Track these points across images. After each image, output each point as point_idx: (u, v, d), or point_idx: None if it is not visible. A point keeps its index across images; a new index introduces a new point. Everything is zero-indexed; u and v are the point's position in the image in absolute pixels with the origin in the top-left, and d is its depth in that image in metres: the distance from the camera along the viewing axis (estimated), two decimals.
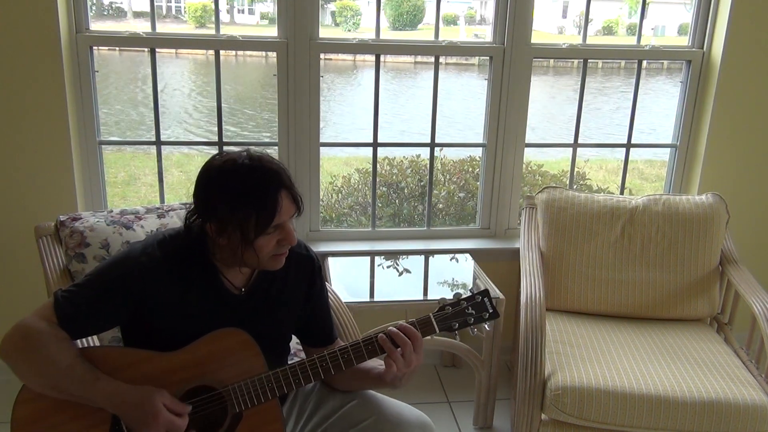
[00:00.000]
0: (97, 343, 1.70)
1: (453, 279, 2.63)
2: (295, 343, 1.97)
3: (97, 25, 2.50)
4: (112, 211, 2.09)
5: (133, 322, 1.48)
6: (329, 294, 1.86)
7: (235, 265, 1.48)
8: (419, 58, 6.93)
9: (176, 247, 1.48)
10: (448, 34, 2.73)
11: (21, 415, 1.38)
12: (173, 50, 6.41)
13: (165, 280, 1.45)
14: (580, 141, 2.93)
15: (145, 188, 5.36)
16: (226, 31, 2.58)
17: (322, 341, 1.69)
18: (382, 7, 2.66)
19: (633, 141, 2.96)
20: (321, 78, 2.62)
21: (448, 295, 1.55)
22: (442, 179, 3.86)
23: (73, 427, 1.38)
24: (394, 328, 1.46)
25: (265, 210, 1.37)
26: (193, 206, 1.46)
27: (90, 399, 1.35)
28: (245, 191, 1.37)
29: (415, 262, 2.77)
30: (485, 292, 1.54)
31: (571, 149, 2.96)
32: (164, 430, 1.33)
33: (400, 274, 2.66)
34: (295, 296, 1.61)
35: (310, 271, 1.63)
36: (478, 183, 3.03)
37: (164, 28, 2.62)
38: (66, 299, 1.40)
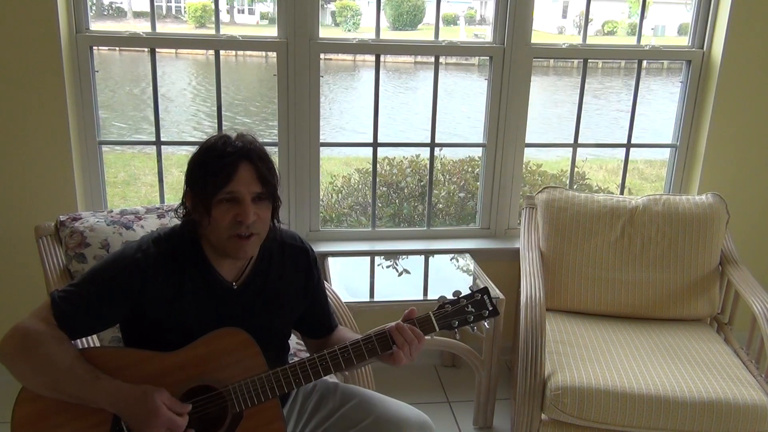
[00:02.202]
0: (97, 343, 1.70)
1: (453, 279, 2.63)
2: (295, 342, 1.97)
3: (97, 25, 2.50)
4: (112, 211, 2.09)
5: (131, 320, 1.48)
6: (329, 293, 1.86)
7: (218, 252, 1.49)
8: (419, 58, 6.92)
9: (171, 244, 1.49)
10: (448, 34, 2.73)
11: (21, 415, 1.38)
12: (173, 50, 6.41)
13: (161, 276, 1.45)
14: (580, 141, 2.93)
15: (145, 188, 5.36)
16: (226, 31, 2.58)
17: (322, 332, 1.70)
18: (382, 7, 2.66)
19: (633, 141, 2.97)
20: (321, 78, 2.62)
21: (448, 295, 1.56)
22: (442, 179, 3.85)
23: (73, 427, 1.38)
24: (403, 324, 1.48)
25: (221, 174, 1.40)
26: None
27: (90, 399, 1.35)
28: (210, 155, 1.42)
29: (415, 262, 2.77)
30: (485, 290, 1.54)
31: (570, 149, 2.96)
32: (165, 428, 1.33)
33: (400, 274, 2.66)
34: (292, 290, 1.61)
35: (306, 263, 1.63)
36: (478, 183, 3.03)
37: (164, 28, 2.62)
38: (63, 299, 1.40)
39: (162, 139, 2.67)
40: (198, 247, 1.49)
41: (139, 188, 5.41)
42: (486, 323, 1.54)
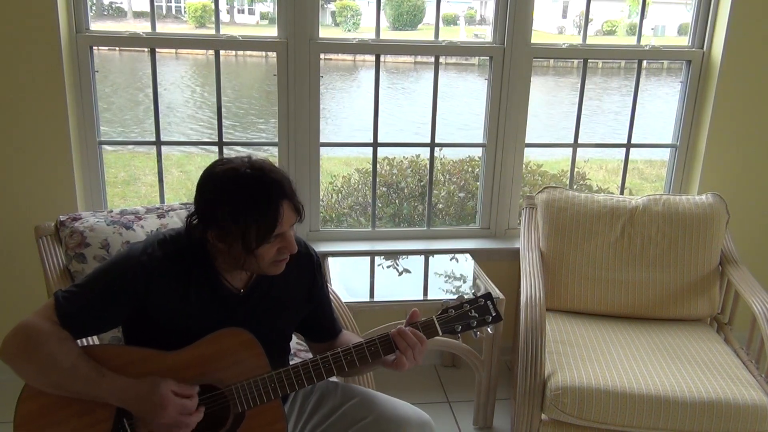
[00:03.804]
0: (97, 342, 1.70)
1: (453, 279, 2.63)
2: (295, 342, 1.97)
3: (97, 25, 2.50)
4: (112, 211, 2.09)
5: (134, 321, 1.48)
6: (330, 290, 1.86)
7: (234, 269, 1.49)
8: (419, 58, 6.93)
9: (177, 247, 1.48)
10: (448, 34, 2.73)
11: (25, 411, 1.39)
12: (173, 50, 6.42)
13: (165, 279, 1.45)
14: (580, 141, 2.93)
15: (145, 188, 5.37)
16: (226, 31, 2.59)
17: (327, 336, 1.69)
18: (382, 7, 2.66)
19: (633, 141, 2.97)
20: (321, 78, 2.62)
21: (449, 296, 1.56)
22: (442, 179, 3.86)
23: (77, 424, 1.39)
24: (405, 328, 1.48)
25: (267, 220, 1.37)
26: (193, 210, 1.46)
27: (96, 396, 1.36)
28: (247, 202, 1.37)
29: (415, 262, 2.77)
30: (488, 295, 1.55)
31: (570, 149, 2.96)
32: (176, 414, 1.34)
33: (400, 274, 2.66)
34: (296, 296, 1.61)
35: (310, 268, 1.63)
36: (478, 183, 3.03)
37: (164, 28, 2.62)
38: (66, 299, 1.41)
39: (162, 139, 2.68)
40: (206, 253, 1.48)
41: (139, 188, 5.42)
42: (489, 328, 1.54)
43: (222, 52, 2.60)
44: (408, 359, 1.46)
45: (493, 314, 1.53)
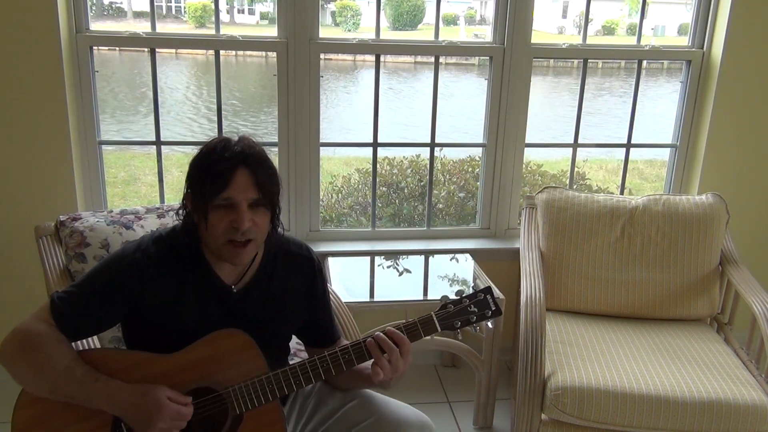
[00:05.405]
0: (97, 344, 1.70)
1: (453, 279, 2.63)
2: (295, 342, 1.97)
3: (97, 25, 2.50)
4: (112, 211, 2.09)
5: (132, 320, 1.48)
6: (331, 295, 1.86)
7: (213, 254, 1.48)
8: (419, 58, 6.92)
9: (171, 244, 1.48)
10: (448, 34, 2.73)
11: (22, 418, 1.38)
12: (173, 50, 6.41)
13: (160, 276, 1.45)
14: (580, 141, 2.93)
15: (145, 188, 5.37)
16: (226, 31, 2.59)
17: (324, 342, 1.68)
18: (382, 7, 2.66)
19: (633, 141, 2.97)
20: (321, 78, 2.62)
21: (451, 294, 1.55)
22: (442, 179, 3.86)
23: (75, 430, 1.38)
24: (381, 334, 1.45)
25: (219, 179, 1.38)
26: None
27: (89, 400, 1.35)
28: (210, 159, 1.41)
29: (415, 262, 2.77)
30: (487, 290, 1.53)
31: (571, 149, 2.96)
32: (171, 421, 1.33)
33: (400, 274, 2.66)
34: (294, 297, 1.61)
35: (309, 273, 1.63)
36: (478, 183, 3.03)
37: (164, 28, 2.62)
38: (62, 300, 1.41)
39: (162, 139, 2.67)
40: (198, 249, 1.49)
41: (139, 188, 5.41)
42: (489, 323, 1.53)
43: (222, 52, 2.60)
44: (384, 369, 1.42)
45: (493, 308, 1.51)
